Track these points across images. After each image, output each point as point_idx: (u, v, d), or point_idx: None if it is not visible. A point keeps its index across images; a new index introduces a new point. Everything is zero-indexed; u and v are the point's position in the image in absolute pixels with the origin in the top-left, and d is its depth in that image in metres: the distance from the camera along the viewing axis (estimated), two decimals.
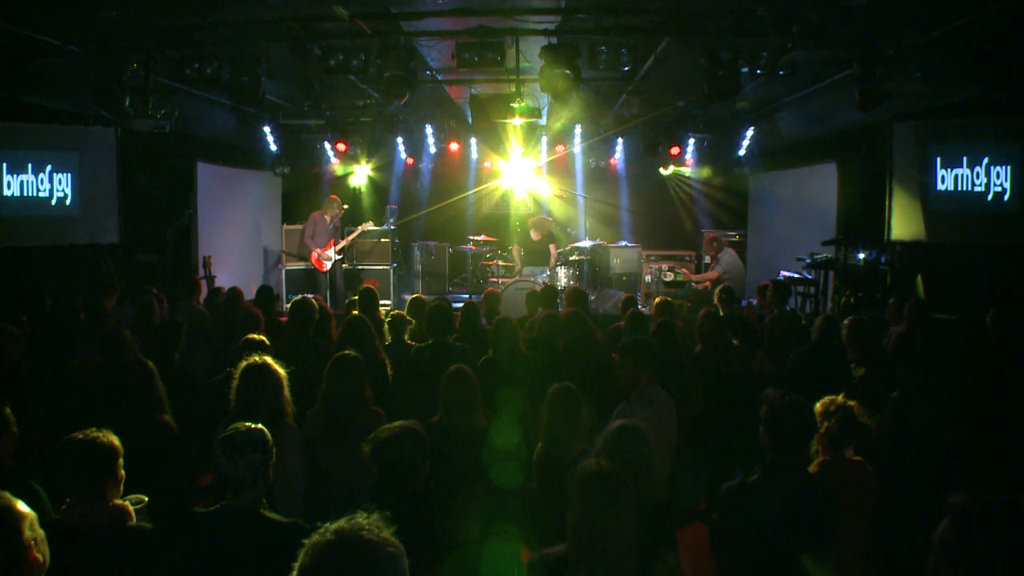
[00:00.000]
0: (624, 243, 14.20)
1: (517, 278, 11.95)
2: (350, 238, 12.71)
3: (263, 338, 5.44)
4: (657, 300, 8.66)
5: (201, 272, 12.70)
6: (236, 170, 14.41)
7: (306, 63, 7.42)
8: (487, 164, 15.51)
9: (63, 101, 9.86)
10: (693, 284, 10.80)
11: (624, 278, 13.74)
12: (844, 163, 12.23)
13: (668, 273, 10.57)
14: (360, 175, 15.44)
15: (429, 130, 13.53)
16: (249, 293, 14.53)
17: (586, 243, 12.36)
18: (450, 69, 9.05)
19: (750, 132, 12.88)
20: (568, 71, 7.44)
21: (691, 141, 13.95)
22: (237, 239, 14.36)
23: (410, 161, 15.46)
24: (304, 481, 4.45)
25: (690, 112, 11.89)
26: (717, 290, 8.40)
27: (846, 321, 6.51)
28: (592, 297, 13.13)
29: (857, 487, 3.71)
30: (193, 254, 13.09)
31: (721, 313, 6.94)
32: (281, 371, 4.48)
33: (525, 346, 6.50)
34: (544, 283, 11.84)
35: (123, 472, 3.30)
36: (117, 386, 4.72)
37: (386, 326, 7.16)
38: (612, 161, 15.17)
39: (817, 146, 12.92)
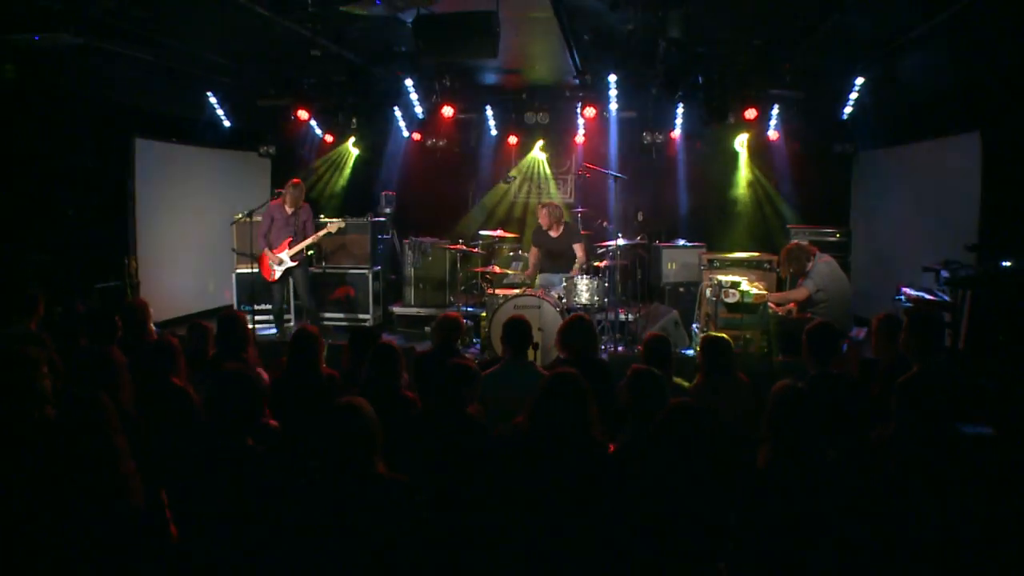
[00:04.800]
0: (682, 242, 10.72)
1: (522, 291, 8.65)
2: (308, 240, 9.42)
3: None
4: (703, 339, 5.34)
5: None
6: (200, 150, 11.60)
7: None
8: (512, 139, 12.22)
9: None
10: (771, 307, 7.24)
11: (681, 289, 10.30)
12: (993, 131, 8.45)
13: (731, 291, 6.99)
14: (344, 155, 12.46)
15: (409, 83, 9.85)
16: (207, 302, 12.10)
17: (619, 241, 8.87)
18: None
19: (859, 83, 9.09)
20: None
21: (775, 107, 10.36)
22: (196, 236, 11.51)
23: (417, 137, 12.28)
24: None
25: (772, 55, 8.26)
26: (808, 331, 4.92)
27: None
28: (637, 314, 9.78)
29: None
30: (131, 252, 10.32)
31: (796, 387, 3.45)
32: None
33: None
34: (559, 298, 8.59)
35: None
36: None
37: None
38: (672, 135, 11.63)
39: (951, 108, 9.21)
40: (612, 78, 9.34)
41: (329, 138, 12.27)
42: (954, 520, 4.52)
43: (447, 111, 9.82)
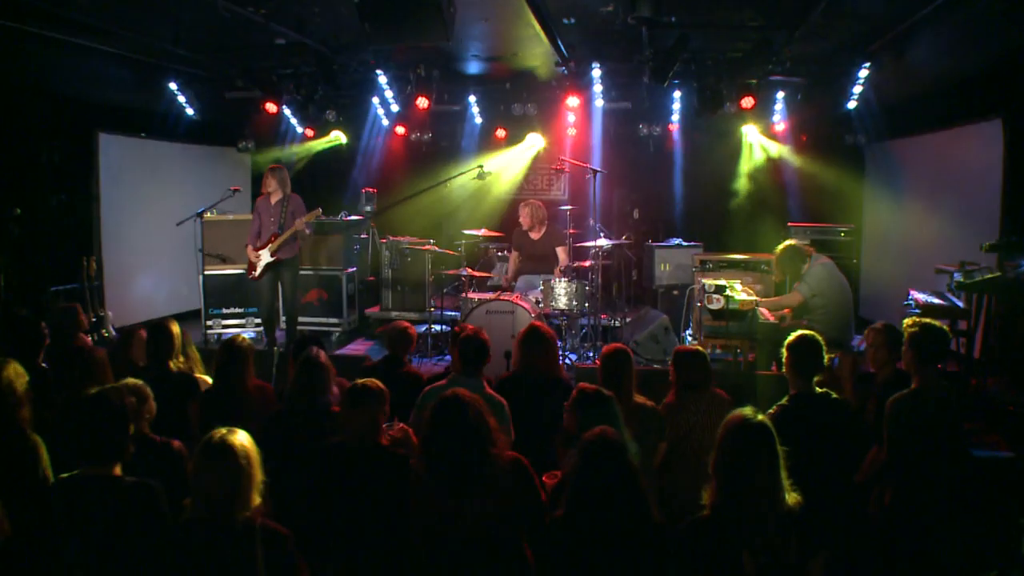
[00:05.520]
0: (677, 242, 10.02)
1: (496, 295, 7.99)
2: (286, 234, 8.40)
3: None
4: (674, 353, 4.72)
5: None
6: (173, 145, 11.09)
7: None
8: (500, 132, 11.57)
9: None
10: (760, 313, 6.55)
11: (675, 292, 9.62)
12: (1018, 118, 7.70)
13: (714, 296, 6.25)
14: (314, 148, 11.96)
15: (383, 80, 9.31)
16: (180, 305, 11.56)
17: (603, 241, 8.16)
18: None
19: (864, 72, 8.35)
20: None
21: (780, 95, 9.62)
22: (168, 236, 10.90)
23: (401, 130, 11.65)
24: None
25: (770, 39, 7.52)
26: (789, 344, 4.24)
27: None
28: (627, 320, 9.14)
29: None
30: (96, 254, 9.81)
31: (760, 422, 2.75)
32: None
33: None
34: (536, 303, 7.96)
35: None
36: None
37: None
38: (671, 127, 10.94)
39: (969, 92, 8.46)
40: (596, 65, 8.64)
41: (310, 132, 11.71)
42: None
43: (422, 102, 9.14)
